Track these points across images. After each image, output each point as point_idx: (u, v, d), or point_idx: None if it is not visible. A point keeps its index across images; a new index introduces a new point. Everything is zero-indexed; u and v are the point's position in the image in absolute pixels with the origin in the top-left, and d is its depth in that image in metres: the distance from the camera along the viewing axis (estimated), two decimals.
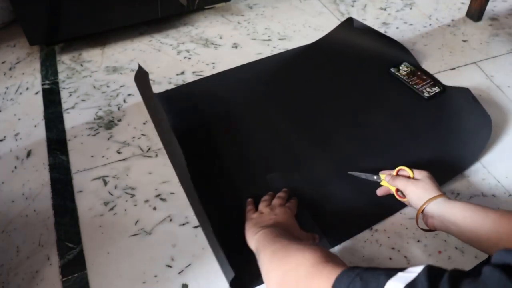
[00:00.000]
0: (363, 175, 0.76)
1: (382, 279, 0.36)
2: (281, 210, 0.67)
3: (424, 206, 0.63)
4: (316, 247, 0.49)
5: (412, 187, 0.66)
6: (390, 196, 0.73)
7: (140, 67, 0.87)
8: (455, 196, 0.76)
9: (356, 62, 1.03)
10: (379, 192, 0.74)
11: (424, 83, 0.96)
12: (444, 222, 0.60)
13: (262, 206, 0.70)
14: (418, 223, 0.66)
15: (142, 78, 0.87)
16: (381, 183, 0.73)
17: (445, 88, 0.95)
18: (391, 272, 0.37)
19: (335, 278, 0.40)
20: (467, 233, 0.57)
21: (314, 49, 1.09)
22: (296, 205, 0.72)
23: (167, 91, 0.97)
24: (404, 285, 0.35)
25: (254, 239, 0.60)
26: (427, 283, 0.33)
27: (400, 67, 1.00)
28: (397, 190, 0.70)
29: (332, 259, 0.46)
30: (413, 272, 0.35)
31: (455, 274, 0.33)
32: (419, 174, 0.68)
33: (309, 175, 0.79)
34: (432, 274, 0.34)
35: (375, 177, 0.75)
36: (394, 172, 0.71)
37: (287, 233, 0.59)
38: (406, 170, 0.70)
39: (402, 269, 0.36)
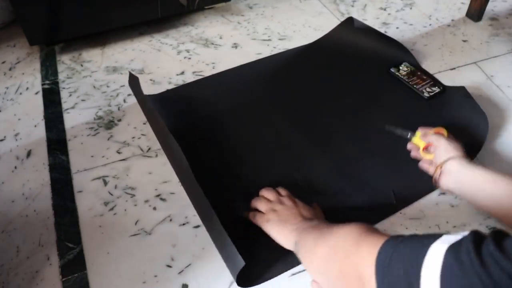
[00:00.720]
0: (398, 131, 0.81)
1: (427, 242, 0.36)
2: (287, 198, 0.68)
3: (448, 160, 0.65)
4: (351, 224, 0.50)
5: (445, 141, 0.70)
6: (390, 196, 0.73)
7: (130, 74, 0.88)
8: (455, 196, 0.76)
9: (356, 62, 1.03)
10: (408, 146, 0.79)
11: (424, 83, 0.96)
12: (460, 183, 0.62)
13: (264, 205, 0.68)
14: (435, 176, 0.68)
15: (134, 83, 0.87)
16: (413, 140, 0.78)
17: (445, 88, 0.95)
18: (435, 235, 0.37)
19: (380, 246, 0.40)
20: (482, 197, 0.59)
21: (314, 49, 1.09)
22: (285, 190, 0.72)
23: (166, 92, 0.97)
24: (448, 245, 0.35)
25: (292, 236, 0.60)
26: (472, 243, 0.34)
27: (400, 67, 1.00)
28: (425, 148, 0.74)
29: (375, 231, 0.47)
30: (459, 235, 0.36)
31: (499, 233, 0.34)
32: (453, 139, 0.72)
33: (308, 175, 0.79)
34: (477, 235, 0.35)
35: (409, 135, 0.79)
36: (432, 131, 0.75)
37: (313, 220, 0.61)
38: (443, 130, 0.75)
39: (446, 233, 0.37)
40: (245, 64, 1.04)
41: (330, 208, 0.73)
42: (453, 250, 0.34)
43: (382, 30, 1.15)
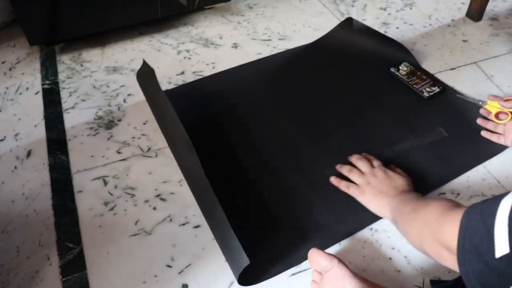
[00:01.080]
0: (468, 98, 0.87)
1: (498, 200, 0.40)
2: (379, 169, 0.72)
3: None
4: (439, 200, 0.54)
5: None
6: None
7: (145, 63, 0.87)
8: (455, 196, 0.76)
9: (356, 62, 1.03)
10: (481, 111, 0.84)
11: (423, 83, 0.96)
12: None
13: (358, 177, 0.72)
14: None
15: (147, 74, 0.86)
16: (486, 107, 0.82)
17: (445, 88, 0.95)
18: (506, 193, 0.40)
19: (461, 217, 0.44)
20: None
21: (314, 49, 1.09)
22: (377, 160, 0.76)
23: (173, 89, 0.97)
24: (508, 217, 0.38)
25: (387, 210, 0.66)
26: None
27: (400, 67, 1.00)
28: (498, 114, 0.79)
29: (456, 205, 0.50)
30: None
31: None
32: None
33: (309, 174, 0.79)
34: None
35: (480, 102, 0.85)
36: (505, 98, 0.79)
37: (407, 193, 0.66)
38: None
39: None
40: (245, 64, 1.04)
41: (330, 208, 0.73)
42: None
43: (382, 30, 1.15)
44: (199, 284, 0.65)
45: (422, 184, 0.76)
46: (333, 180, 0.76)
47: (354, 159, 0.78)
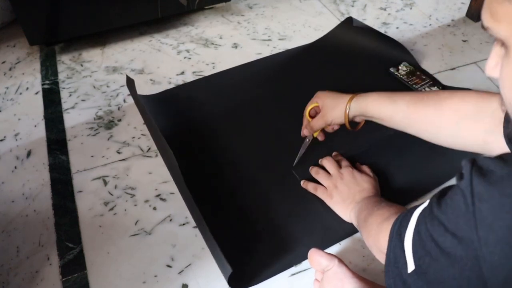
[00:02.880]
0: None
1: (412, 210, 0.41)
2: (346, 171, 0.73)
3: (347, 111, 0.70)
4: (381, 208, 0.57)
5: (325, 102, 0.74)
6: (393, 195, 0.74)
7: (127, 77, 0.87)
8: None
9: (355, 62, 1.03)
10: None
11: (423, 82, 0.96)
12: (366, 117, 0.70)
13: (326, 180, 0.73)
14: (348, 127, 0.73)
15: (131, 85, 0.87)
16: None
17: (444, 88, 0.95)
18: (422, 203, 0.41)
19: (390, 229, 0.44)
20: (385, 122, 0.68)
21: (314, 49, 1.09)
22: (344, 158, 0.78)
23: (162, 92, 0.97)
24: (421, 210, 0.40)
25: (352, 216, 0.67)
26: (429, 202, 0.39)
27: (400, 67, 1.00)
28: (309, 114, 0.78)
29: (394, 213, 0.51)
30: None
31: (443, 191, 0.38)
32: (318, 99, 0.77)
33: (309, 174, 0.79)
34: (436, 196, 0.38)
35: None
36: (306, 112, 0.78)
37: (369, 198, 0.67)
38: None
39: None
40: (244, 64, 1.04)
41: (328, 208, 0.73)
42: (421, 213, 0.39)
43: (382, 30, 1.15)
44: (199, 284, 0.65)
45: (422, 184, 0.76)
46: (302, 183, 0.76)
47: (322, 160, 0.78)
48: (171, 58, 1.08)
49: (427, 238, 0.36)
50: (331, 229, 0.71)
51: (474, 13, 1.18)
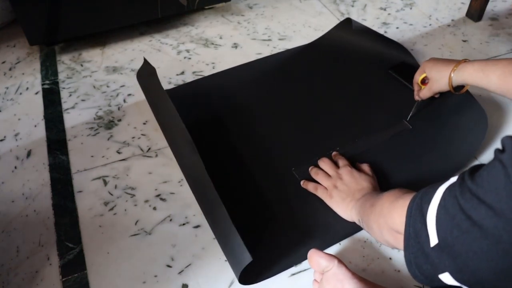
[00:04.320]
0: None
1: (436, 186, 0.41)
2: (345, 170, 0.74)
3: (451, 82, 0.76)
4: (390, 191, 0.56)
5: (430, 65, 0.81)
6: None
7: (146, 62, 0.87)
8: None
9: (355, 63, 1.03)
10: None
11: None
12: (468, 83, 0.75)
13: (326, 181, 0.74)
14: (453, 92, 0.80)
15: (147, 73, 0.86)
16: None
17: None
18: (446, 180, 0.41)
19: (408, 204, 0.45)
20: (485, 89, 0.72)
21: (313, 49, 1.08)
22: (342, 157, 0.78)
23: (174, 89, 0.97)
24: (449, 184, 0.40)
25: (353, 213, 0.67)
26: (458, 177, 0.39)
27: (399, 67, 1.00)
28: (422, 82, 0.85)
29: (406, 192, 0.51)
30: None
31: (475, 167, 0.39)
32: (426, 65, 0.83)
33: (307, 175, 0.79)
34: (468, 171, 0.39)
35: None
36: (419, 80, 0.85)
37: (369, 193, 0.67)
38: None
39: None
40: (244, 64, 1.04)
41: (324, 206, 0.74)
42: (448, 188, 0.39)
43: (382, 30, 1.15)
44: (199, 284, 0.65)
45: (422, 183, 0.76)
46: (302, 183, 0.76)
47: (320, 162, 0.78)
48: (171, 58, 1.08)
49: (457, 211, 0.36)
50: (331, 229, 0.71)
51: (474, 13, 1.18)
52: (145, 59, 0.88)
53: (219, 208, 0.65)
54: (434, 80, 0.80)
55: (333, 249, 0.69)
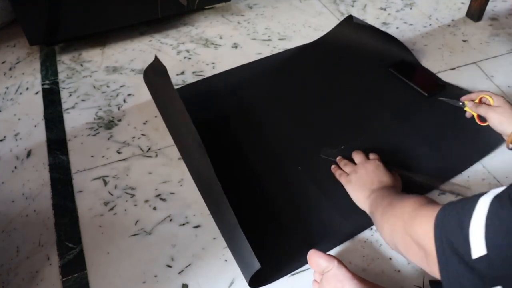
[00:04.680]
0: (451, 101, 0.86)
1: (475, 198, 0.39)
2: (372, 164, 0.73)
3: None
4: (414, 196, 0.54)
5: (492, 113, 0.75)
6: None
7: (157, 60, 0.87)
8: (455, 196, 0.76)
9: (357, 61, 1.03)
10: (467, 115, 0.84)
11: (424, 80, 0.96)
12: None
13: (349, 167, 0.75)
14: (508, 145, 0.73)
15: (157, 71, 0.86)
16: (465, 109, 0.83)
17: (445, 85, 0.95)
18: (483, 193, 0.39)
19: (436, 214, 0.42)
20: None
21: (315, 48, 1.09)
22: (375, 154, 0.77)
23: (180, 88, 0.97)
24: (494, 195, 0.37)
25: (366, 203, 0.67)
26: (508, 187, 0.37)
27: (400, 65, 1.00)
28: (478, 116, 0.80)
29: (431, 203, 0.49)
30: (503, 186, 0.38)
31: None
32: (497, 100, 0.76)
33: (311, 174, 0.79)
34: None
35: (460, 103, 0.84)
36: (476, 100, 0.80)
37: (389, 188, 0.67)
38: (486, 98, 0.78)
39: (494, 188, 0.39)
40: (245, 65, 1.04)
41: (333, 207, 0.73)
42: (497, 199, 0.37)
43: None
44: (199, 284, 0.65)
45: (423, 182, 0.76)
46: (333, 168, 0.78)
47: (353, 152, 0.79)
48: (171, 58, 1.08)
49: None
50: (338, 230, 0.71)
51: (474, 13, 1.18)
52: (156, 57, 0.88)
53: (229, 214, 0.65)
54: (498, 119, 0.74)
55: (333, 249, 0.69)
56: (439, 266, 0.40)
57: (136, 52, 1.10)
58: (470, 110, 0.81)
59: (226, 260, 0.68)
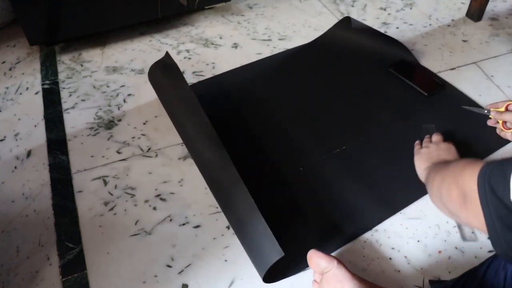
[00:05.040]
0: (475, 109, 0.88)
1: None
2: (446, 145, 0.76)
3: None
4: (469, 158, 0.57)
5: None
6: (396, 194, 0.74)
7: (167, 55, 0.87)
8: None
9: (356, 61, 1.03)
10: (489, 122, 0.85)
11: (423, 80, 0.96)
12: None
13: (426, 142, 0.79)
14: None
15: (167, 67, 0.86)
16: (490, 116, 0.84)
17: (444, 85, 0.95)
18: None
19: (482, 166, 0.47)
20: None
21: (314, 48, 1.09)
22: (452, 143, 0.79)
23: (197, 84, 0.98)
24: None
25: (424, 172, 0.71)
26: None
27: (400, 65, 1.00)
28: (504, 123, 0.82)
29: (480, 161, 0.51)
30: None
31: None
32: None
33: (313, 171, 0.79)
34: None
35: (485, 111, 0.85)
36: (503, 108, 0.81)
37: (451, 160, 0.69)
38: None
39: None
40: (244, 66, 1.04)
41: (333, 208, 0.73)
42: None
43: (382, 30, 1.15)
44: (199, 284, 0.65)
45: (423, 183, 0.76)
46: (416, 142, 0.81)
47: (434, 134, 0.83)
48: None
49: None
50: (339, 231, 0.71)
51: (474, 13, 1.18)
52: (167, 53, 0.89)
53: (248, 205, 0.65)
54: None
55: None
56: (481, 204, 0.45)
57: (136, 52, 1.10)
58: (495, 117, 0.83)
59: (226, 260, 0.68)
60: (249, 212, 0.65)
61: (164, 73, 0.91)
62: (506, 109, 0.81)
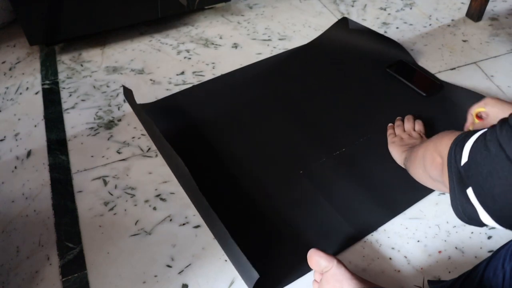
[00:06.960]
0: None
1: (481, 130, 0.46)
2: (417, 134, 0.81)
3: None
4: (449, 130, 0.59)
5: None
6: (396, 196, 0.75)
7: (124, 88, 0.88)
8: None
9: (354, 62, 1.03)
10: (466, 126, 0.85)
11: (422, 80, 0.96)
12: None
13: (399, 131, 0.83)
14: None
15: (129, 95, 0.87)
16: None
17: (442, 85, 0.95)
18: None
19: (459, 134, 0.50)
20: None
21: (311, 49, 1.08)
22: (422, 124, 0.85)
23: (161, 100, 0.95)
24: (488, 128, 0.45)
25: (402, 156, 0.75)
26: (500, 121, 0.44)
27: (398, 65, 1.00)
28: (477, 115, 0.78)
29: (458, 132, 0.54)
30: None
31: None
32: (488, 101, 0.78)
33: (311, 173, 0.79)
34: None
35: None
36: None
37: None
38: (479, 110, 0.79)
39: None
40: (242, 68, 1.03)
41: (333, 210, 0.73)
42: (491, 127, 0.44)
43: (382, 30, 1.15)
44: (199, 284, 0.65)
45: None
46: (389, 125, 0.86)
47: (406, 118, 0.86)
48: (171, 58, 1.08)
49: (493, 137, 0.42)
50: (339, 235, 0.71)
51: (474, 13, 1.18)
52: (123, 86, 0.89)
53: (221, 229, 0.65)
54: (493, 117, 0.75)
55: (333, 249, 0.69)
56: (448, 168, 0.48)
57: (136, 52, 1.10)
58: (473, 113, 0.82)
59: (226, 260, 0.68)
60: (224, 239, 0.66)
61: (130, 100, 0.90)
62: (478, 116, 0.79)
